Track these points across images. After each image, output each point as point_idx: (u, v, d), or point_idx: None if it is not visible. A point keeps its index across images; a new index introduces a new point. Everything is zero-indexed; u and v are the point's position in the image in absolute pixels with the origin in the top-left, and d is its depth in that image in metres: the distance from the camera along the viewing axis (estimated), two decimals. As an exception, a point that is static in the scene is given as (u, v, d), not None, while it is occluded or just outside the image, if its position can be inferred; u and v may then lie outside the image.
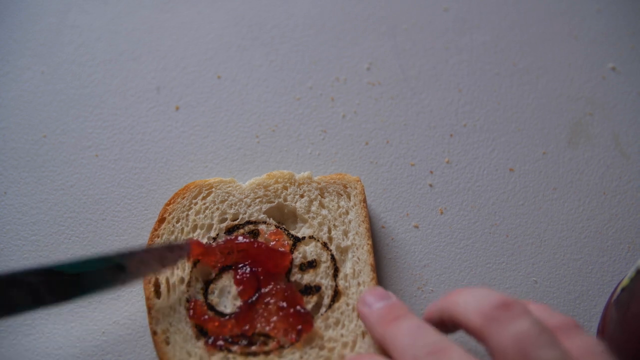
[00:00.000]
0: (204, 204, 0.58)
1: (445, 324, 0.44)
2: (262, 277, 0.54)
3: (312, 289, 0.55)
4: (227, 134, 0.66)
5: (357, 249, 0.56)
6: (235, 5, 0.73)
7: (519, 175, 0.65)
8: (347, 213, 0.58)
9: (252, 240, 0.55)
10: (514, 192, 0.64)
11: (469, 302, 0.41)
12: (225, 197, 0.59)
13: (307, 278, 0.55)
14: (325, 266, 0.56)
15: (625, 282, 0.53)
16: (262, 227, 0.57)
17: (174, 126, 0.66)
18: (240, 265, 0.55)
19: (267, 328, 0.52)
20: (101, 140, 0.65)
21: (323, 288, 0.55)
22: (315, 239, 0.57)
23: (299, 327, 0.52)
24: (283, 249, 0.56)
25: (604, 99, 0.69)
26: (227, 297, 0.55)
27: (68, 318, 0.57)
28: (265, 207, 0.58)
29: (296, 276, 0.55)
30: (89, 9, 0.71)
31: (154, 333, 0.52)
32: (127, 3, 0.72)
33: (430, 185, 0.64)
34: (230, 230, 0.57)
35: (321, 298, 0.55)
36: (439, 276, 0.60)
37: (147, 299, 0.54)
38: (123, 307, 0.58)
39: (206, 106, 0.67)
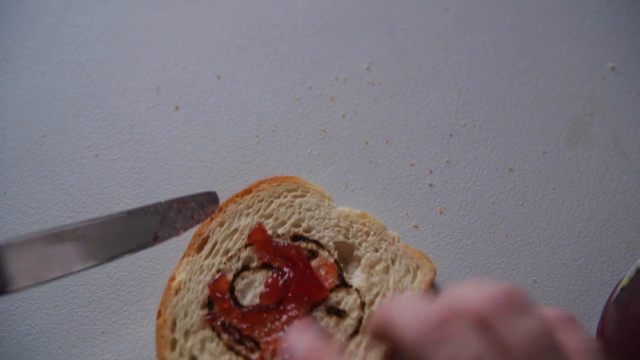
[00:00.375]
0: (292, 202, 0.59)
1: None
2: (290, 295, 0.54)
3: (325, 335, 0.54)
4: (227, 134, 0.66)
5: None
6: (235, 5, 0.72)
7: (519, 175, 0.65)
8: (402, 291, 0.56)
9: (306, 259, 0.56)
10: (513, 192, 0.64)
11: (471, 291, 0.37)
12: (313, 208, 0.59)
13: (327, 322, 0.55)
14: (349, 323, 0.55)
15: (624, 281, 0.53)
16: (323, 253, 0.57)
17: (174, 126, 0.66)
18: (279, 272, 0.55)
19: (262, 340, 0.53)
20: (101, 139, 0.65)
21: (334, 340, 0.54)
22: (359, 294, 0.56)
23: (287, 357, 0.52)
24: (326, 285, 0.55)
25: (603, 98, 0.69)
26: (251, 291, 0.55)
27: (68, 318, 0.57)
28: (338, 238, 0.58)
29: (319, 314, 0.55)
30: (89, 8, 0.71)
31: (172, 278, 0.55)
32: (127, 2, 0.72)
33: (430, 185, 0.64)
34: (295, 238, 0.58)
35: None
36: (439, 276, 0.60)
37: (190, 247, 0.56)
38: (123, 307, 0.58)
39: (206, 106, 0.67)
